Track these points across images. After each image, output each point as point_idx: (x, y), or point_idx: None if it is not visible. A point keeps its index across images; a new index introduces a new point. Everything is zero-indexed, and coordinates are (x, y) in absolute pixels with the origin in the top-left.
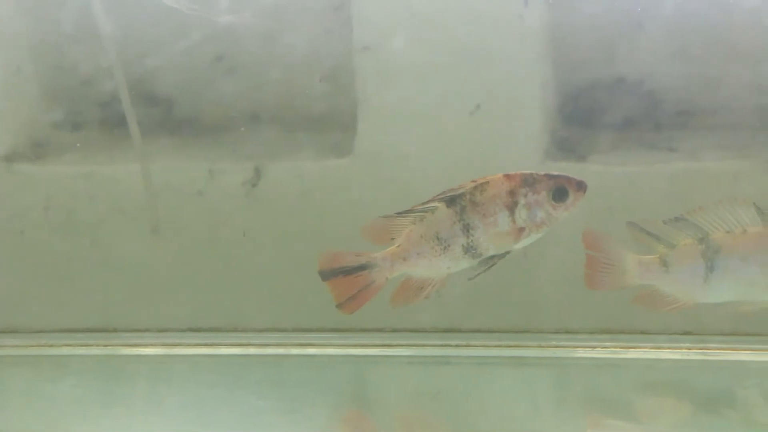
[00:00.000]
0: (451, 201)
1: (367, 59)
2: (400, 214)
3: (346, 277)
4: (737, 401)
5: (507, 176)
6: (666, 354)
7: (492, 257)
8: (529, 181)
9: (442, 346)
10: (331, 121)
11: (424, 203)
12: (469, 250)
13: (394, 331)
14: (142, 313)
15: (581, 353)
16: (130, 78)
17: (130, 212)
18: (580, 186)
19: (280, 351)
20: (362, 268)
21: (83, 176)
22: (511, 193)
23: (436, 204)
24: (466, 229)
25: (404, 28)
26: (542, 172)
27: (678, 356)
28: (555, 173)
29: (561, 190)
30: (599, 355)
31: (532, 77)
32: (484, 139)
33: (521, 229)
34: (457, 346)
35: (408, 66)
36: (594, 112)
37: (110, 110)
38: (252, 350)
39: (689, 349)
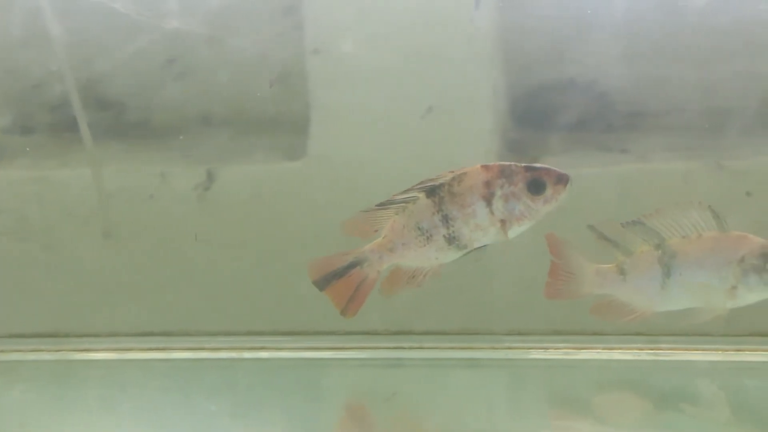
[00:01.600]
0: (430, 191)
1: (318, 62)
2: (380, 206)
3: (340, 280)
4: (689, 400)
5: (484, 167)
6: (618, 355)
7: (477, 248)
8: (506, 173)
9: (394, 348)
10: (283, 124)
11: (403, 192)
12: (452, 240)
13: (347, 333)
14: (94, 317)
15: (534, 354)
16: (81, 82)
17: (81, 216)
18: (560, 179)
19: (233, 355)
20: (353, 265)
21: (34, 181)
22: (488, 184)
23: (416, 194)
24: (446, 219)
25: (356, 30)
26: (523, 164)
27: (630, 357)
28: (537, 165)
29: (538, 183)
30: (552, 357)
31: (483, 79)
32: (436, 141)
33: (502, 221)
34: (409, 348)
35: (360, 68)
36: (545, 113)
37: (61, 114)
38: (204, 354)
39: (641, 349)
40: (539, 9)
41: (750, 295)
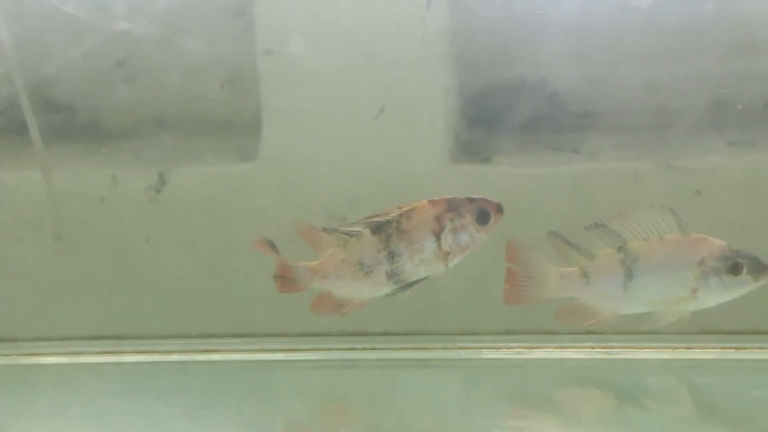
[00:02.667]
0: (376, 228)
1: (270, 63)
2: (326, 230)
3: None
4: (640, 398)
5: (432, 202)
6: (570, 353)
7: (414, 281)
8: (454, 206)
9: (347, 349)
10: (235, 125)
11: (349, 224)
12: (392, 276)
13: (300, 335)
14: (45, 321)
15: (486, 354)
16: (31, 84)
17: (31, 220)
18: (499, 209)
19: (185, 358)
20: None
21: None
22: (438, 218)
23: (360, 229)
24: (392, 256)
25: (307, 32)
26: (462, 197)
27: (582, 355)
28: (474, 196)
29: (484, 213)
30: (504, 356)
31: (435, 80)
32: (389, 143)
33: (446, 253)
34: (362, 349)
35: (312, 70)
36: (497, 114)
37: (10, 117)
38: (157, 357)
39: (593, 348)
40: (490, 10)
41: (710, 298)
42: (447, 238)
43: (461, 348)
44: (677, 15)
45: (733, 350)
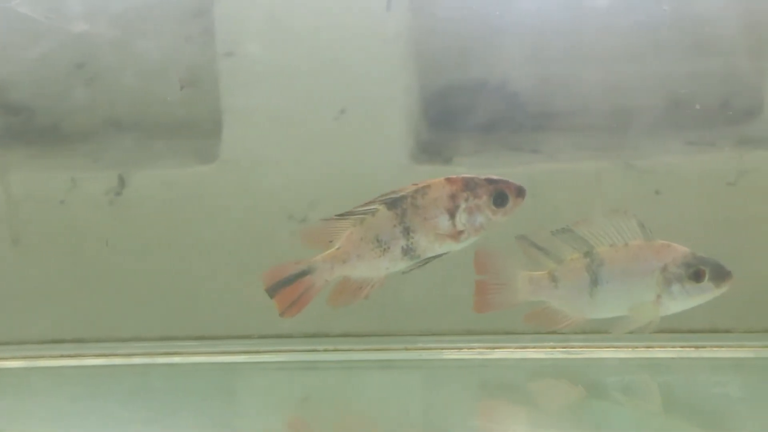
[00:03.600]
0: (392, 204)
1: (230, 65)
2: (339, 216)
3: (288, 287)
4: (599, 397)
5: (448, 180)
6: (531, 353)
7: (429, 258)
8: (471, 186)
9: (309, 351)
10: (195, 127)
11: (364, 204)
12: (408, 251)
13: (261, 337)
14: (3, 325)
15: (448, 355)
16: None
17: None
18: (520, 192)
19: (146, 360)
20: (303, 273)
21: None
22: (453, 197)
23: (376, 206)
24: (407, 231)
25: (267, 33)
26: (483, 176)
27: (543, 355)
28: (495, 177)
29: (501, 195)
30: (465, 356)
31: (395, 81)
32: (350, 144)
33: (460, 232)
34: (324, 350)
35: (272, 71)
36: (458, 115)
37: None
38: (117, 360)
39: (553, 348)
40: (450, 11)
41: (674, 304)
42: (461, 217)
43: (423, 349)
44: (634, 15)
45: (693, 349)
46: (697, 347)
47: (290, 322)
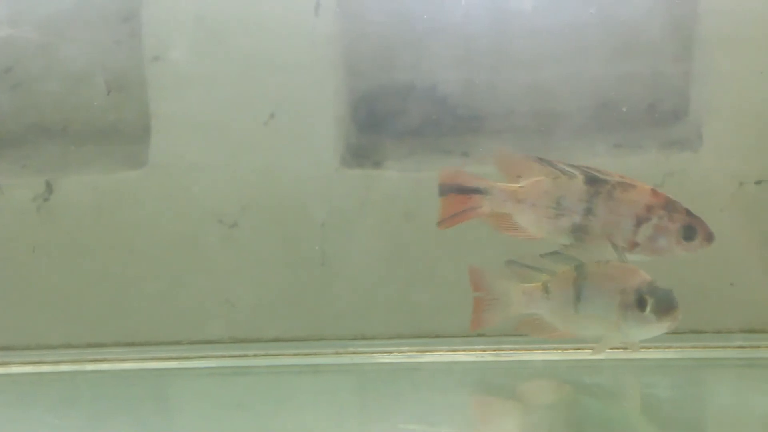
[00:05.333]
0: (591, 179)
1: (158, 69)
2: (541, 160)
3: (459, 195)
4: (528, 398)
5: (654, 191)
6: (462, 356)
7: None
8: (670, 207)
9: (240, 356)
10: (123, 132)
11: (569, 165)
12: (577, 230)
13: (191, 343)
14: None
15: (379, 359)
16: None
17: None
18: (709, 237)
19: (75, 368)
20: (477, 190)
21: None
22: (649, 208)
23: (576, 173)
24: (589, 211)
25: (196, 37)
26: (685, 205)
27: (473, 358)
28: (695, 214)
29: (693, 231)
30: (397, 360)
31: (325, 85)
32: (279, 148)
33: (635, 245)
34: (255, 356)
35: (201, 75)
36: (387, 118)
37: None
38: (45, 368)
39: (484, 350)
40: (378, 15)
41: (630, 331)
42: (645, 230)
43: (354, 353)
44: (561, 18)
45: (621, 350)
46: (625, 348)
47: (220, 328)
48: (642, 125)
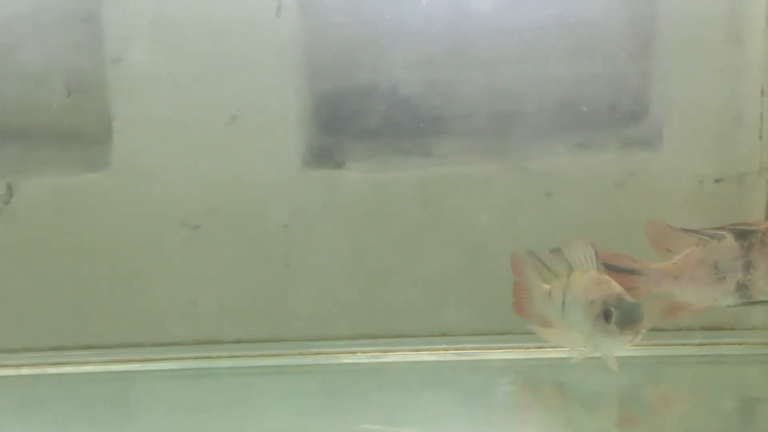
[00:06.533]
0: (740, 234)
1: (119, 71)
2: (687, 230)
3: (615, 274)
4: (489, 397)
5: None
6: (425, 356)
7: (761, 301)
8: None
9: (202, 358)
10: (85, 135)
11: (714, 228)
12: (741, 288)
13: (154, 345)
14: None
15: (342, 359)
16: None
17: None
18: None
19: (36, 371)
20: (633, 271)
21: None
22: None
23: (724, 234)
24: (748, 266)
25: (157, 39)
26: None
27: (436, 357)
28: None
29: None
30: (360, 360)
31: (287, 87)
32: (242, 150)
33: None
34: (218, 357)
35: (162, 77)
36: (349, 119)
37: None
38: (7, 372)
39: (446, 350)
40: (340, 16)
41: (600, 343)
42: None
43: (317, 354)
44: (520, 19)
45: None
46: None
47: (183, 330)
48: (603, 125)
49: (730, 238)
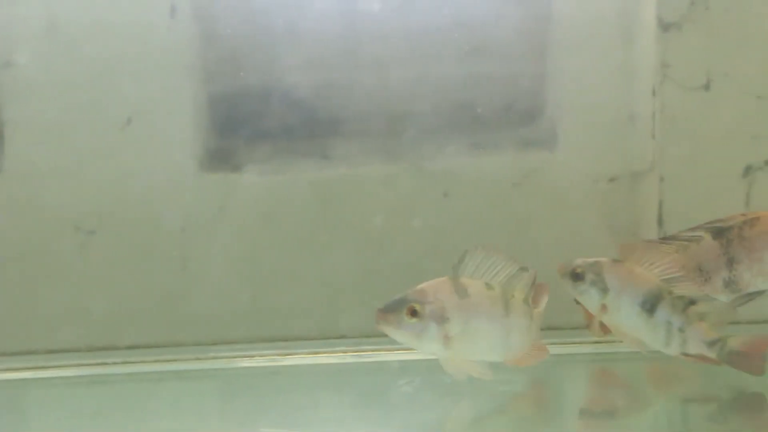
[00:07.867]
0: (717, 233)
1: (9, 75)
2: (663, 240)
3: None
4: (390, 398)
5: None
6: (324, 359)
7: (751, 293)
8: None
9: (98, 364)
10: None
11: (689, 230)
12: (729, 284)
13: (47, 352)
14: None
15: (240, 363)
16: None
17: None
18: None
19: None
20: None
21: None
22: None
23: (701, 234)
24: (731, 262)
25: (48, 42)
26: None
27: (335, 360)
28: None
29: None
30: (258, 364)
31: (183, 90)
32: (137, 153)
33: None
34: (113, 363)
35: (54, 81)
36: (246, 122)
37: None
38: None
39: (345, 352)
40: (234, 18)
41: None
42: None
43: (215, 358)
44: (414, 20)
45: None
46: None
47: (76, 337)
48: (498, 126)
49: (708, 237)
